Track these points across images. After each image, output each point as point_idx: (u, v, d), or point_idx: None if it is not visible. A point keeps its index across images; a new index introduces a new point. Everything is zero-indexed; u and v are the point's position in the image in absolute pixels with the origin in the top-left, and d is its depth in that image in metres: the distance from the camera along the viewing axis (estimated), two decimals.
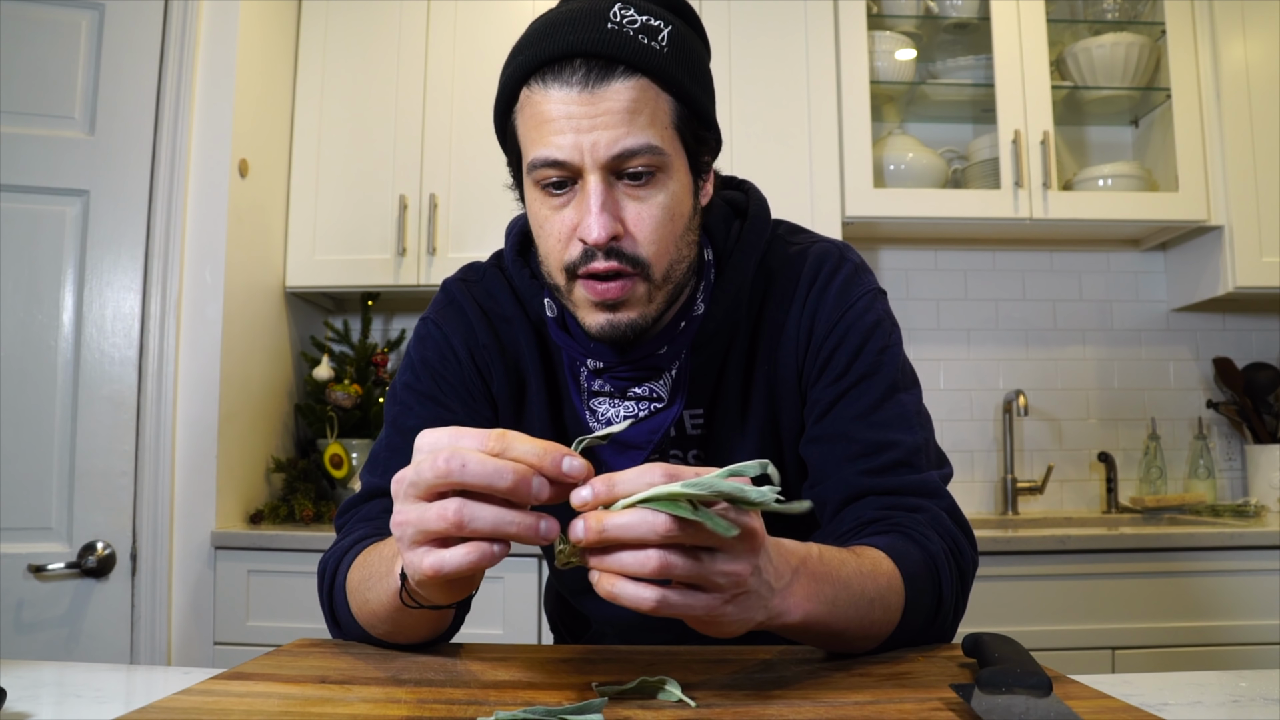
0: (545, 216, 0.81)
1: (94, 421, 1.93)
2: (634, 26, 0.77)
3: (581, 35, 0.76)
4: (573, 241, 0.80)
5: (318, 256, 2.37)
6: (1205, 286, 2.45)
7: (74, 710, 0.67)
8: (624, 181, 0.79)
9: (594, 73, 0.76)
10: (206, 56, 2.09)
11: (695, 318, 0.89)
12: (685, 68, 0.80)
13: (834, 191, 2.33)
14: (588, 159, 0.77)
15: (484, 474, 0.55)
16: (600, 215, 0.77)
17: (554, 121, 0.77)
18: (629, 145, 0.76)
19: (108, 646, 1.89)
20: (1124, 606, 1.96)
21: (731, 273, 0.90)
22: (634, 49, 0.76)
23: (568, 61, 0.77)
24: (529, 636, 1.98)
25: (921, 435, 0.88)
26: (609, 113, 0.76)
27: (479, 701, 0.62)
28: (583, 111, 0.76)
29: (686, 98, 0.81)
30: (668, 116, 0.79)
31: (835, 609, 0.69)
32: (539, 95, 0.78)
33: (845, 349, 0.89)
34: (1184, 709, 0.66)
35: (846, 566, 0.72)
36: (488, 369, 0.95)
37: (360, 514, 0.92)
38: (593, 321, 0.82)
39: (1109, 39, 2.45)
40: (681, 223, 0.82)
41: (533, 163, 0.79)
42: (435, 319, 0.97)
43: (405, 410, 0.95)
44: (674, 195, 0.81)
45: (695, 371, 0.91)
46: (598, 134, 0.76)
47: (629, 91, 0.77)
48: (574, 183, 0.79)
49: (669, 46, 0.79)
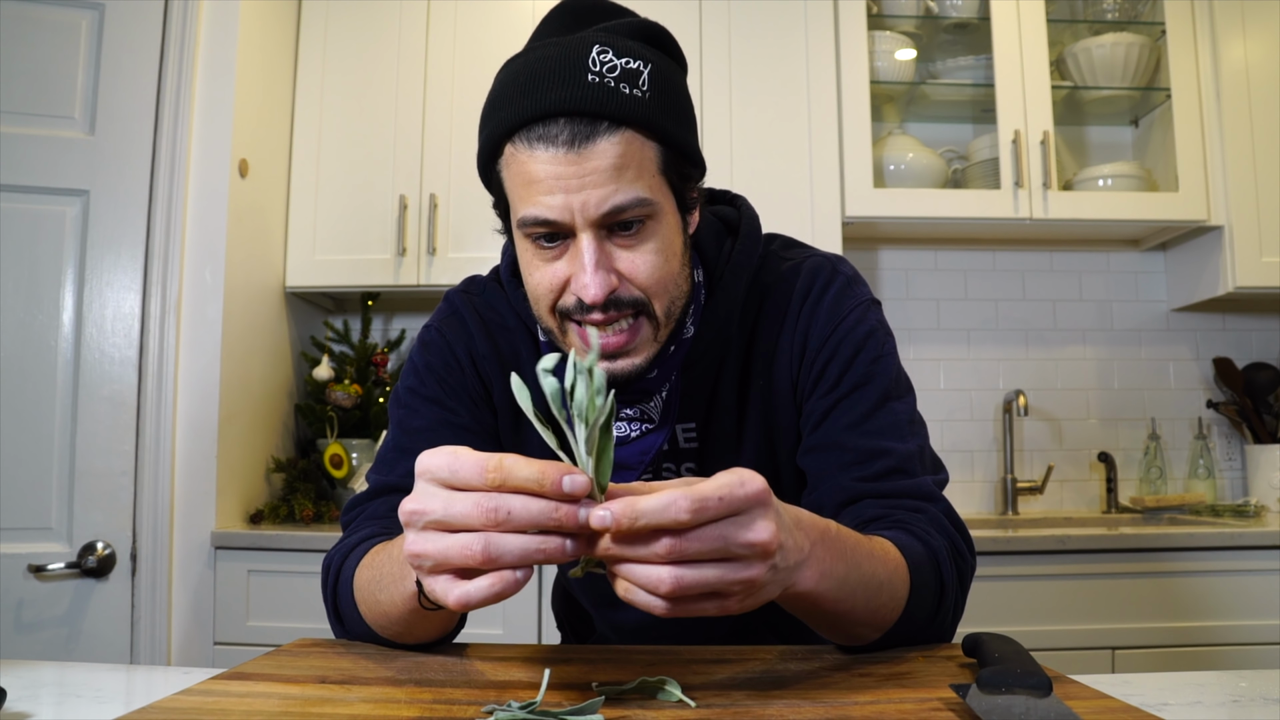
0: (536, 266, 0.82)
1: (94, 421, 1.93)
2: (614, 75, 0.76)
3: (563, 92, 0.75)
4: (567, 292, 0.81)
5: (318, 256, 2.37)
6: (1205, 286, 2.45)
7: (74, 710, 0.67)
8: (615, 234, 0.79)
9: (579, 132, 0.75)
10: (206, 56, 2.09)
11: (685, 341, 0.90)
12: (668, 112, 0.80)
13: (834, 191, 2.33)
14: (578, 218, 0.77)
15: (529, 518, 0.54)
16: (595, 273, 0.78)
17: (541, 182, 0.77)
18: (618, 202, 0.77)
19: (108, 646, 1.89)
20: (1124, 606, 1.96)
21: (722, 294, 0.91)
22: (617, 103, 0.76)
23: (552, 120, 0.76)
24: (529, 636, 1.98)
25: (915, 443, 0.89)
26: (596, 171, 0.76)
27: (479, 701, 0.62)
28: (570, 171, 0.76)
29: (671, 142, 0.80)
30: (654, 164, 0.80)
31: (844, 587, 0.69)
32: (524, 154, 0.78)
33: (838, 361, 0.90)
34: (1184, 709, 0.66)
35: (859, 548, 0.72)
36: (489, 377, 0.96)
37: (368, 511, 0.92)
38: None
39: (1109, 39, 2.45)
40: (675, 261, 0.83)
41: (522, 220, 0.79)
42: (439, 326, 0.99)
43: (411, 412, 0.95)
44: (665, 239, 0.81)
45: (688, 388, 0.92)
46: (587, 193, 0.76)
47: (615, 148, 0.76)
48: (564, 237, 0.79)
49: (650, 90, 0.78)
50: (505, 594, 0.57)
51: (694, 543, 0.55)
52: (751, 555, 0.57)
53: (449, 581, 0.58)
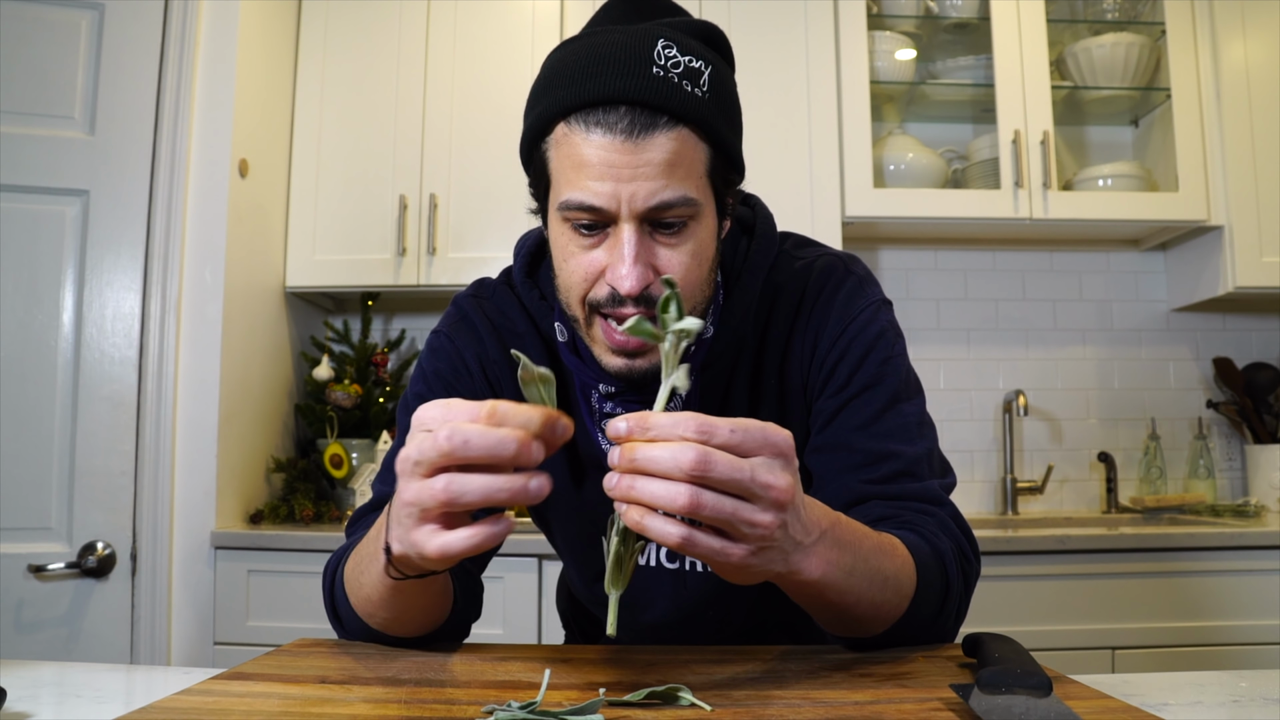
0: (571, 253, 0.81)
1: (94, 421, 1.93)
2: (678, 71, 0.76)
3: (628, 81, 0.75)
4: (600, 283, 0.80)
5: (318, 256, 2.37)
6: (1205, 286, 2.45)
7: (74, 710, 0.67)
8: (657, 231, 0.79)
9: (639, 122, 0.75)
10: (206, 56, 2.09)
11: (705, 341, 0.89)
12: (724, 115, 0.80)
13: (834, 191, 2.33)
14: (625, 208, 0.76)
15: (487, 446, 0.56)
16: (634, 266, 0.77)
17: (593, 167, 0.76)
18: (666, 198, 0.76)
19: (108, 646, 1.89)
20: (1124, 606, 1.96)
21: (740, 293, 0.91)
22: (680, 99, 0.75)
23: (612, 107, 0.75)
24: (529, 636, 1.98)
25: (924, 445, 0.89)
26: (650, 164, 0.75)
27: (479, 701, 0.62)
28: (624, 161, 0.75)
29: (722, 146, 0.80)
30: (703, 166, 0.79)
31: (851, 578, 0.69)
32: (579, 136, 0.76)
33: (848, 361, 0.90)
34: (1184, 709, 0.66)
35: (867, 541, 0.72)
36: (498, 383, 0.96)
37: (369, 521, 0.92)
38: (610, 363, 0.82)
39: (1109, 39, 2.45)
40: (707, 264, 0.83)
41: (566, 203, 0.78)
42: (447, 332, 0.98)
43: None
44: (702, 241, 0.81)
45: (704, 388, 0.91)
46: (638, 185, 0.75)
47: (671, 143, 0.75)
48: (605, 226, 0.79)
49: (710, 92, 0.78)
50: (486, 544, 0.58)
51: (719, 465, 0.56)
52: (767, 499, 0.58)
53: (430, 532, 0.59)
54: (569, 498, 0.97)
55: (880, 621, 0.76)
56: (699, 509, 0.56)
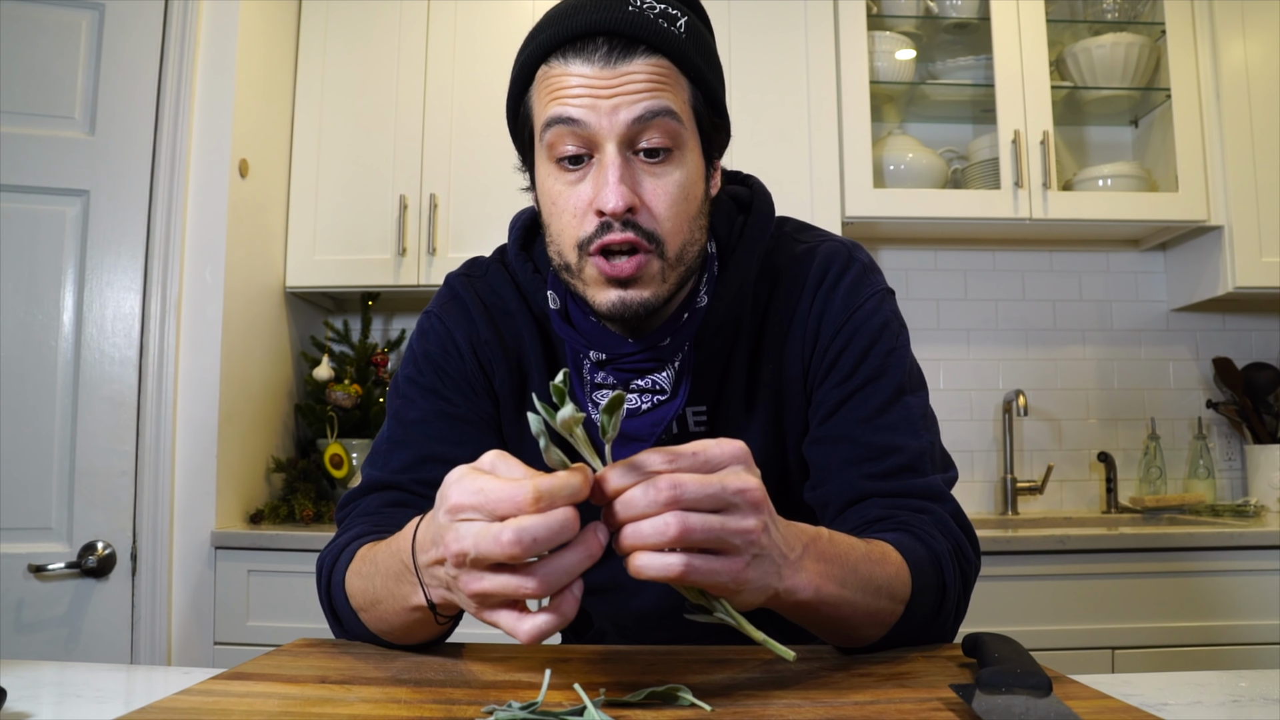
0: (559, 192, 0.81)
1: (94, 421, 1.93)
2: (653, 11, 0.78)
3: (604, 15, 0.77)
4: (588, 216, 0.79)
5: (318, 256, 2.37)
6: (1205, 286, 2.45)
7: (74, 710, 0.67)
8: (641, 158, 0.79)
9: (616, 50, 0.77)
10: (206, 56, 2.09)
11: (698, 310, 0.88)
12: (703, 56, 0.82)
13: (834, 191, 2.33)
14: (605, 124, 0.77)
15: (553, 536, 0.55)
16: (618, 186, 0.76)
17: (573, 89, 0.77)
18: (650, 106, 0.77)
19: (108, 646, 1.89)
20: (1124, 606, 1.96)
21: (735, 267, 0.90)
22: (655, 31, 0.77)
23: (589, 39, 0.77)
24: None
25: (927, 439, 0.88)
26: (630, 81, 0.77)
27: (479, 701, 0.62)
28: (603, 82, 0.76)
29: (703, 84, 0.81)
30: (685, 97, 0.80)
31: (844, 590, 0.69)
32: (558, 69, 0.78)
33: (852, 350, 0.89)
34: (1184, 709, 0.66)
35: (855, 551, 0.72)
36: (490, 364, 0.95)
37: (359, 508, 0.91)
38: (603, 299, 0.81)
39: (1109, 39, 2.45)
40: (695, 204, 0.82)
41: (548, 120, 0.78)
42: (438, 313, 0.97)
43: (407, 403, 0.94)
44: (689, 175, 0.81)
45: (699, 367, 0.90)
46: (618, 101, 0.76)
47: (650, 68, 0.77)
48: (590, 158, 0.79)
49: (686, 34, 0.80)
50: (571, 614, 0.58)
51: (690, 485, 0.57)
52: (745, 504, 0.59)
53: (515, 618, 0.58)
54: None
55: (877, 628, 0.75)
56: (690, 533, 0.56)
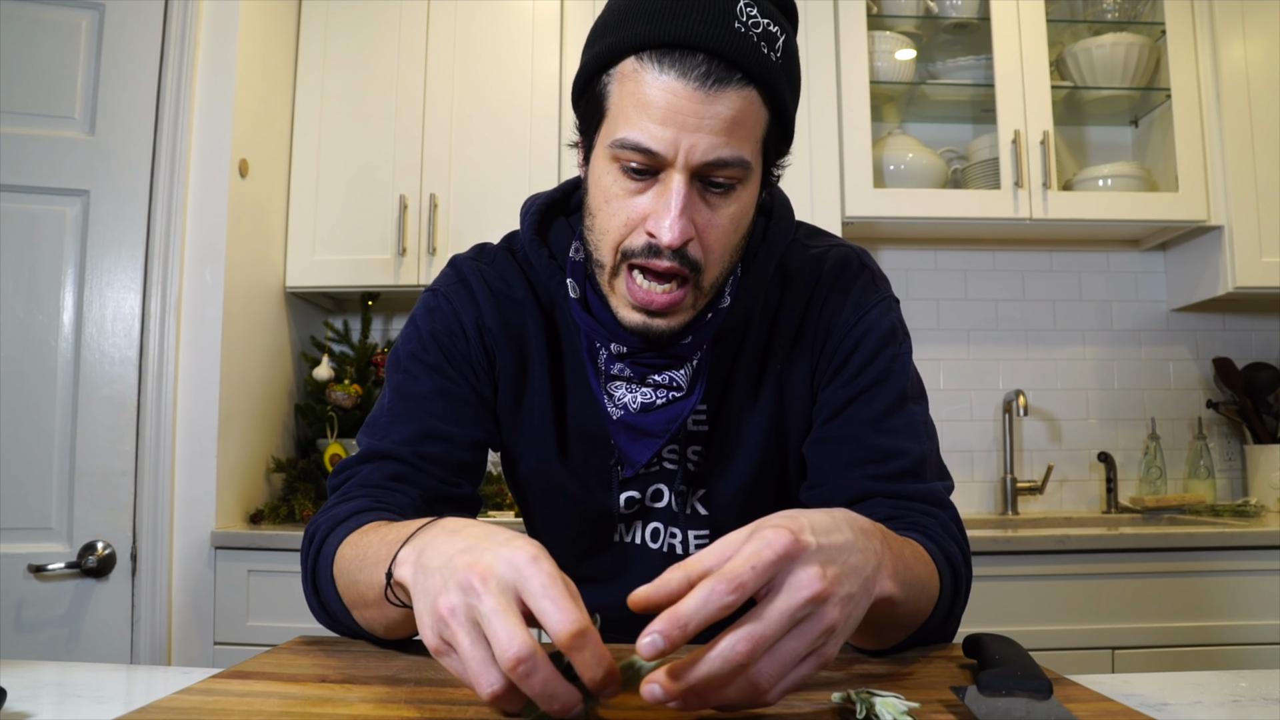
0: (615, 194, 0.79)
1: (94, 421, 1.93)
2: (757, 31, 0.75)
3: (710, 30, 0.73)
4: (639, 230, 0.78)
5: (318, 256, 2.37)
6: (1205, 286, 2.45)
7: (74, 710, 0.67)
8: (705, 188, 0.78)
9: (714, 73, 0.73)
10: (206, 56, 2.09)
11: (721, 310, 0.88)
12: (791, 85, 0.79)
13: (834, 191, 2.33)
14: (681, 158, 0.75)
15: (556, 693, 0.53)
16: (680, 219, 0.75)
17: (658, 109, 0.74)
18: (724, 156, 0.75)
19: (108, 646, 1.89)
20: (1124, 606, 1.96)
21: (756, 270, 0.90)
22: (756, 59, 0.74)
23: (690, 52, 0.73)
24: None
25: (927, 446, 0.89)
26: (716, 118, 0.74)
27: (479, 702, 0.62)
28: (692, 109, 0.73)
29: (782, 115, 0.80)
30: (762, 130, 0.78)
31: (907, 586, 0.67)
32: (649, 74, 0.74)
33: (860, 353, 0.90)
34: (1184, 709, 0.66)
35: (907, 546, 0.71)
36: (493, 350, 0.94)
37: (359, 477, 0.89)
38: (629, 318, 0.81)
39: (1109, 39, 2.45)
40: (742, 232, 0.82)
41: (621, 141, 0.76)
42: (446, 293, 0.96)
43: (410, 378, 0.93)
44: (744, 207, 0.80)
45: (712, 364, 0.91)
46: (699, 136, 0.74)
47: (739, 101, 0.74)
48: (655, 172, 0.77)
49: (782, 58, 0.77)
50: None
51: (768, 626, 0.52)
52: (815, 607, 0.54)
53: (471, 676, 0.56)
54: (553, 473, 0.95)
55: (907, 630, 0.74)
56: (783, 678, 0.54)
